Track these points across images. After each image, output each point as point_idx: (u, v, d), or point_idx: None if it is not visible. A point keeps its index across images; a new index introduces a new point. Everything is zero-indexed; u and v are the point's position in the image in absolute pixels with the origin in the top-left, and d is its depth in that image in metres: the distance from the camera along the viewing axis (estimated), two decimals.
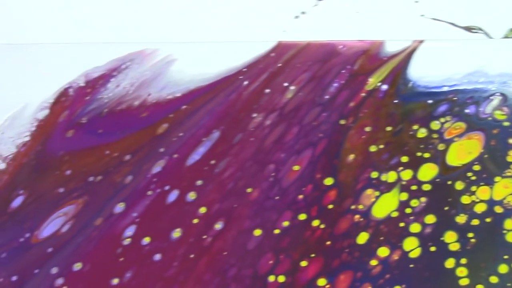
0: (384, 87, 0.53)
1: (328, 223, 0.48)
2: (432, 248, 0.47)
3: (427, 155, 0.50)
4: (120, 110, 0.53)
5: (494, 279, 0.46)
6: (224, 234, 0.48)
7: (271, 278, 0.47)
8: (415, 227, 0.48)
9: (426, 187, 0.49)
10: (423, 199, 0.49)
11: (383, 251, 0.47)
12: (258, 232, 0.48)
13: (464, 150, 0.50)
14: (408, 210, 0.49)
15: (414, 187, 0.49)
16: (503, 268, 0.47)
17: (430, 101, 0.52)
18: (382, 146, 0.51)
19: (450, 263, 0.47)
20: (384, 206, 0.49)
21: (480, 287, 0.46)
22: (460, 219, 0.48)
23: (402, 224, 0.48)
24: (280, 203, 0.49)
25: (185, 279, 0.47)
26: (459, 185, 0.49)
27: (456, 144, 0.51)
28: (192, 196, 0.50)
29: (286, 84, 0.53)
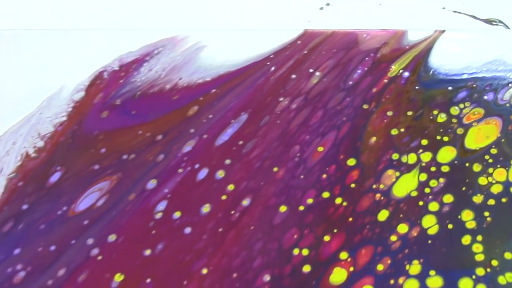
0: (406, 74, 0.55)
1: (350, 201, 0.50)
2: (450, 226, 0.49)
3: (446, 139, 0.52)
4: (152, 93, 0.56)
5: (508, 255, 0.47)
6: (251, 210, 0.50)
7: (296, 251, 0.48)
8: (433, 206, 0.50)
9: (445, 169, 0.51)
10: (441, 180, 0.51)
11: (402, 228, 0.49)
12: (283, 208, 0.50)
13: (482, 134, 0.52)
14: (427, 190, 0.50)
15: (433, 169, 0.51)
16: None
17: (450, 88, 0.54)
18: (403, 130, 0.53)
19: (466, 240, 0.48)
20: (404, 185, 0.51)
21: (494, 262, 0.47)
22: (477, 199, 0.50)
23: (421, 203, 0.50)
24: (305, 182, 0.51)
25: (213, 251, 0.49)
26: (477, 167, 0.51)
27: (474, 129, 0.52)
28: (221, 174, 0.52)
29: (311, 70, 0.55)
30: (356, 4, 0.59)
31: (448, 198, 0.50)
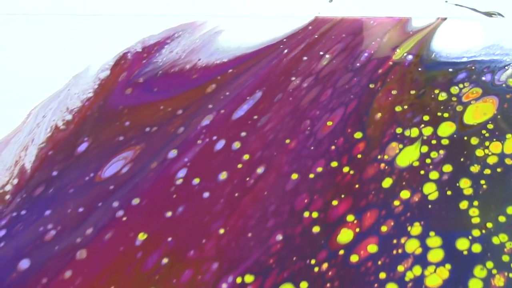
0: (410, 57, 0.59)
1: (357, 170, 0.53)
2: (449, 192, 0.52)
3: (446, 115, 0.56)
4: (173, 72, 0.59)
5: (502, 218, 0.50)
6: (265, 177, 0.53)
7: (306, 214, 0.51)
8: (433, 175, 0.53)
9: (445, 142, 0.55)
10: (441, 152, 0.54)
11: (405, 194, 0.52)
12: (295, 176, 0.53)
13: (479, 111, 0.56)
14: (428, 161, 0.54)
15: (434, 141, 0.55)
16: (510, 209, 0.51)
17: (451, 69, 0.58)
18: (406, 107, 0.56)
19: (464, 205, 0.51)
20: (406, 156, 0.54)
21: (489, 225, 0.50)
22: (474, 168, 0.53)
23: (422, 172, 0.53)
24: (315, 152, 0.54)
25: (230, 213, 0.52)
26: (474, 140, 0.54)
27: (472, 106, 0.56)
28: (237, 145, 0.55)
29: (321, 53, 0.60)
30: None
31: (447, 168, 0.53)
